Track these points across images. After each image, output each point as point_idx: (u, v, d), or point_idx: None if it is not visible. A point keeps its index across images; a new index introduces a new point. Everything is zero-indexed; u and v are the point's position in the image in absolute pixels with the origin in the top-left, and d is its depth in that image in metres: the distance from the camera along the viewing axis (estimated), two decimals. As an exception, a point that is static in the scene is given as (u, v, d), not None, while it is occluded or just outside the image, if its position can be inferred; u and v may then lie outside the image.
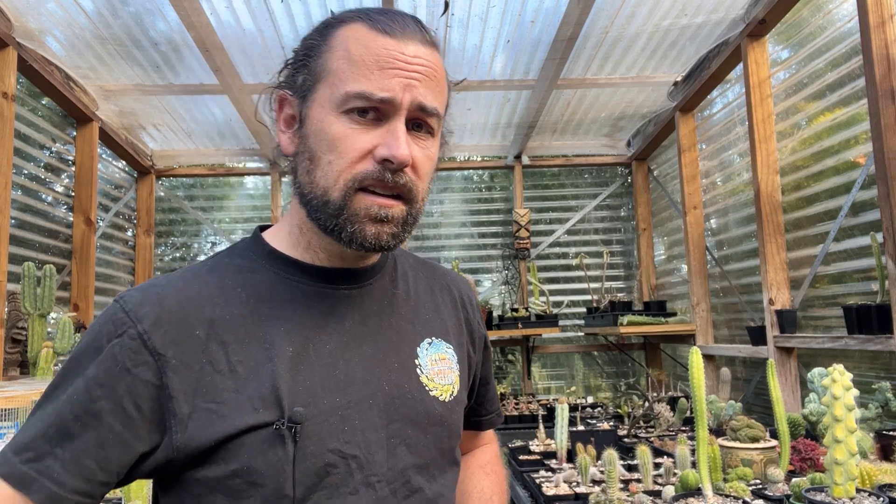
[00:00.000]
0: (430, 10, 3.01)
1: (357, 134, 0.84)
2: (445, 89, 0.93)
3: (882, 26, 2.20)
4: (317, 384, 0.85)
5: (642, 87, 3.93)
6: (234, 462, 0.80)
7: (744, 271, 3.58)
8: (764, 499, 1.84)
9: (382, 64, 0.84)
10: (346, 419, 0.85)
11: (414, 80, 0.85)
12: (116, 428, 0.79)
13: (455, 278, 1.14)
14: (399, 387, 0.91)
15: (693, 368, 1.74)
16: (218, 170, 4.92)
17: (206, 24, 2.91)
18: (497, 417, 1.21)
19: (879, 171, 2.19)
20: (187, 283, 0.88)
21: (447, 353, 1.00)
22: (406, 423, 0.90)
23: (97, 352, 0.81)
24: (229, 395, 0.81)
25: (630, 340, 4.80)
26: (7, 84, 2.87)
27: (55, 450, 0.78)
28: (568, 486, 2.32)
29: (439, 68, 0.90)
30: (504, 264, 4.96)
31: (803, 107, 2.96)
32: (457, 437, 0.99)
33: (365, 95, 0.83)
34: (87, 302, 3.67)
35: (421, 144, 0.89)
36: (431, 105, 0.87)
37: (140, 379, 0.80)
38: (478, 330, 1.11)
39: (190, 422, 0.80)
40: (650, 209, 4.88)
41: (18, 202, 3.23)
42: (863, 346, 2.30)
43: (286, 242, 0.95)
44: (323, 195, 0.86)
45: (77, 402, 0.80)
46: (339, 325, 0.91)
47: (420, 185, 0.89)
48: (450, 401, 0.96)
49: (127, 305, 0.83)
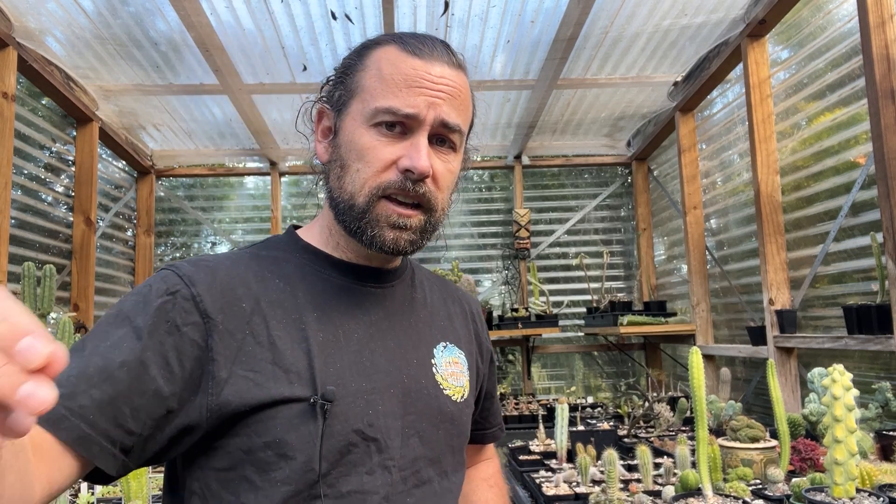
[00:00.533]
0: (430, 10, 3.01)
1: (384, 146, 0.92)
2: (470, 108, 1.00)
3: (882, 26, 2.20)
4: (345, 368, 0.90)
5: (642, 87, 3.93)
6: (266, 434, 0.83)
7: (744, 271, 3.58)
8: (764, 499, 1.84)
9: (410, 83, 0.91)
10: (371, 403, 0.90)
11: (438, 98, 0.92)
12: (158, 380, 0.81)
13: (465, 294, 1.22)
14: (417, 381, 0.97)
15: (693, 368, 1.74)
16: (218, 170, 4.92)
17: (206, 24, 2.91)
18: (499, 431, 1.27)
19: (879, 171, 2.19)
20: (234, 263, 0.95)
21: (459, 358, 1.07)
22: (421, 417, 0.95)
23: (147, 305, 0.84)
24: (267, 365, 0.86)
25: (630, 340, 4.80)
26: (7, 84, 2.87)
27: (91, 390, 0.76)
28: (568, 486, 2.32)
29: (464, 88, 0.97)
30: (504, 264, 4.96)
31: (803, 107, 2.96)
32: (465, 437, 1.05)
33: (392, 110, 0.91)
34: (87, 302, 3.67)
35: (443, 158, 0.95)
36: (454, 122, 0.94)
37: (188, 337, 0.84)
38: (485, 344, 1.19)
39: (227, 386, 0.83)
40: (650, 209, 4.88)
41: (18, 202, 3.23)
42: (863, 346, 2.30)
43: (318, 239, 1.02)
44: (350, 199, 0.93)
45: (126, 348, 0.80)
46: (366, 318, 0.97)
47: (440, 196, 0.96)
48: (461, 402, 1.02)
49: (180, 270, 0.89)
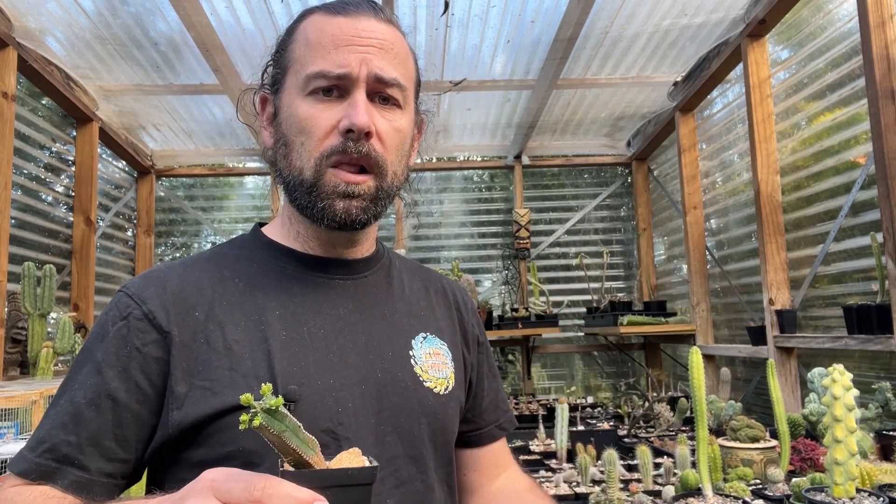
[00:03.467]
0: (430, 10, 3.00)
1: (322, 112, 0.87)
2: (409, 63, 0.94)
3: (882, 26, 2.20)
4: (310, 366, 0.86)
5: (642, 87, 3.93)
6: (228, 444, 0.81)
7: (744, 271, 3.58)
8: (764, 499, 1.84)
9: (338, 42, 0.87)
10: (340, 401, 0.86)
11: (368, 52, 0.87)
12: (133, 406, 0.82)
13: (450, 282, 1.14)
14: (392, 375, 0.91)
15: (693, 368, 1.74)
16: (218, 170, 4.92)
17: (206, 24, 2.91)
18: (497, 430, 1.09)
19: (879, 171, 2.19)
20: (187, 269, 0.92)
21: (441, 348, 1.00)
22: (398, 412, 0.90)
23: (104, 337, 0.85)
24: (224, 372, 0.83)
25: (630, 340, 4.80)
26: (7, 84, 2.87)
27: (69, 437, 0.80)
28: (568, 486, 2.32)
29: (397, 41, 0.92)
30: (504, 264, 4.96)
31: (803, 107, 2.96)
32: (450, 432, 0.98)
33: (323, 74, 0.86)
34: (87, 302, 3.67)
35: (387, 116, 0.90)
36: (390, 76, 0.88)
37: (151, 356, 0.83)
38: (472, 331, 1.10)
39: (186, 400, 0.82)
40: (650, 209, 4.88)
41: (18, 202, 3.23)
42: (863, 346, 2.30)
43: (280, 233, 0.98)
44: (298, 175, 0.89)
45: (90, 386, 0.82)
46: (333, 312, 0.92)
47: (388, 157, 0.90)
48: (444, 394, 0.96)
49: (130, 290, 0.88)
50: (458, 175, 5.12)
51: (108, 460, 0.81)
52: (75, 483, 0.79)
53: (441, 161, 4.99)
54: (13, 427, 2.10)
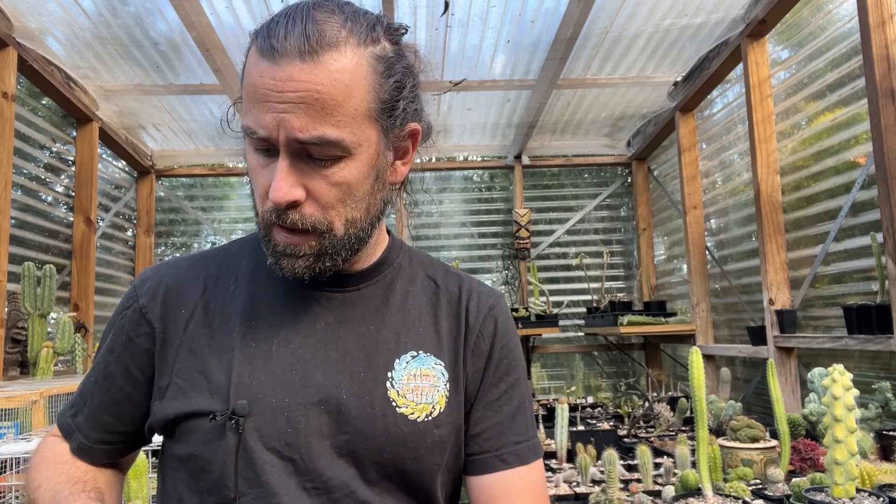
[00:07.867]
0: (430, 10, 3.01)
1: (260, 169, 0.82)
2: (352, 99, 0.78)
3: (882, 26, 2.20)
4: (269, 381, 0.84)
5: (642, 87, 3.93)
6: (189, 445, 0.84)
7: (744, 271, 3.58)
8: (764, 499, 1.84)
9: (259, 96, 0.78)
10: (292, 421, 0.83)
11: (286, 112, 0.76)
12: (126, 389, 0.91)
13: (473, 288, 0.99)
14: (359, 398, 0.85)
15: (693, 368, 1.74)
16: (218, 170, 4.92)
17: (206, 24, 2.91)
18: (496, 461, 0.92)
19: (879, 171, 2.19)
20: (191, 265, 0.95)
21: (434, 370, 0.91)
22: (357, 436, 0.84)
23: (113, 324, 0.94)
24: (195, 374, 0.86)
25: (630, 340, 4.80)
26: (7, 84, 2.87)
27: (83, 407, 0.94)
28: (568, 486, 2.32)
29: (328, 82, 0.76)
30: (504, 264, 4.96)
31: (803, 107, 2.96)
32: (430, 462, 0.88)
33: (251, 132, 0.79)
34: (87, 302, 3.67)
35: (323, 173, 0.80)
36: (311, 136, 0.76)
37: (141, 348, 0.90)
38: (481, 346, 0.95)
39: (166, 393, 0.87)
40: (650, 209, 4.88)
41: (18, 202, 3.23)
42: (863, 346, 2.30)
43: None
44: (257, 216, 0.86)
45: (97, 366, 0.94)
46: (309, 326, 0.89)
47: (329, 215, 0.82)
48: (424, 421, 0.87)
49: (137, 281, 0.95)
50: (457, 175, 5.12)
51: (107, 432, 0.93)
52: (79, 448, 0.93)
53: (441, 161, 4.99)
54: (13, 427, 2.10)
